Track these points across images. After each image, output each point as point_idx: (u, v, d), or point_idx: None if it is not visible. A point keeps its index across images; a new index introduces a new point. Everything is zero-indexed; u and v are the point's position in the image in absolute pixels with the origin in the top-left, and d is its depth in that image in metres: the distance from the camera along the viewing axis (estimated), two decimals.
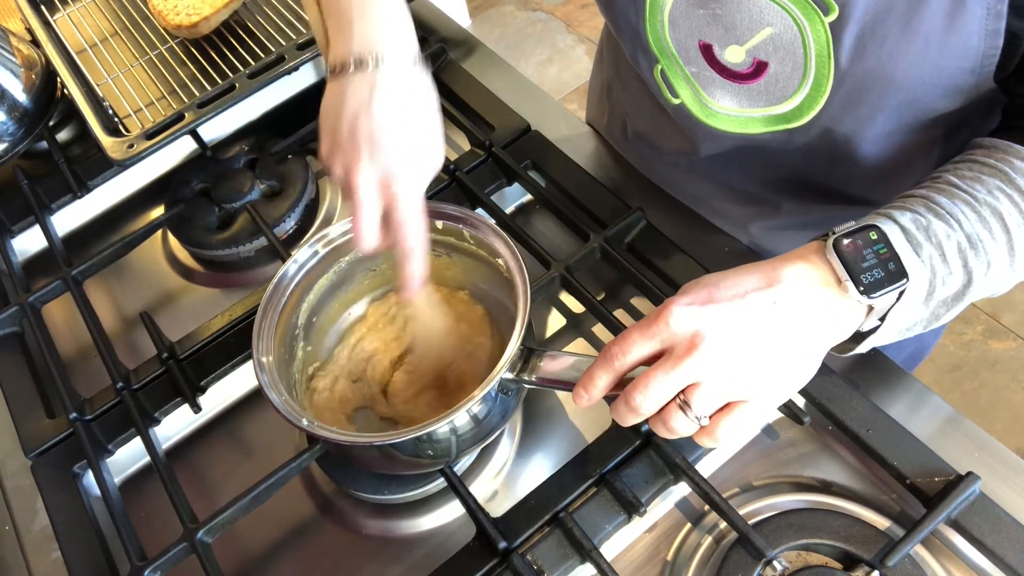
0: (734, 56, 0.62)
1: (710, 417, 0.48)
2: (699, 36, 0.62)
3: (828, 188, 0.73)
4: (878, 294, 0.48)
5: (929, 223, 0.50)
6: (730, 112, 0.67)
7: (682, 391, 0.47)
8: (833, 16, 0.55)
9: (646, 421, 0.49)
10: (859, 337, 0.52)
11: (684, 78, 0.67)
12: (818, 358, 0.49)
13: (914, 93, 0.58)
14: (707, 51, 0.63)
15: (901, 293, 0.48)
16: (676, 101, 0.70)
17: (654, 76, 0.70)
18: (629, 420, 0.49)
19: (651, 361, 0.48)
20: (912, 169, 0.67)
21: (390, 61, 0.57)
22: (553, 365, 0.55)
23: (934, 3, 0.52)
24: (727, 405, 0.48)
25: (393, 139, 0.56)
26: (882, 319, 0.50)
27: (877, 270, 0.48)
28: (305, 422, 0.56)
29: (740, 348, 0.46)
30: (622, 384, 0.49)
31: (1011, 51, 0.53)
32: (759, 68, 0.61)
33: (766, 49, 0.60)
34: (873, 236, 0.49)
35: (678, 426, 0.48)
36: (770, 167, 0.73)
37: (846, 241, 0.48)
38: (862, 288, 0.48)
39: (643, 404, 0.47)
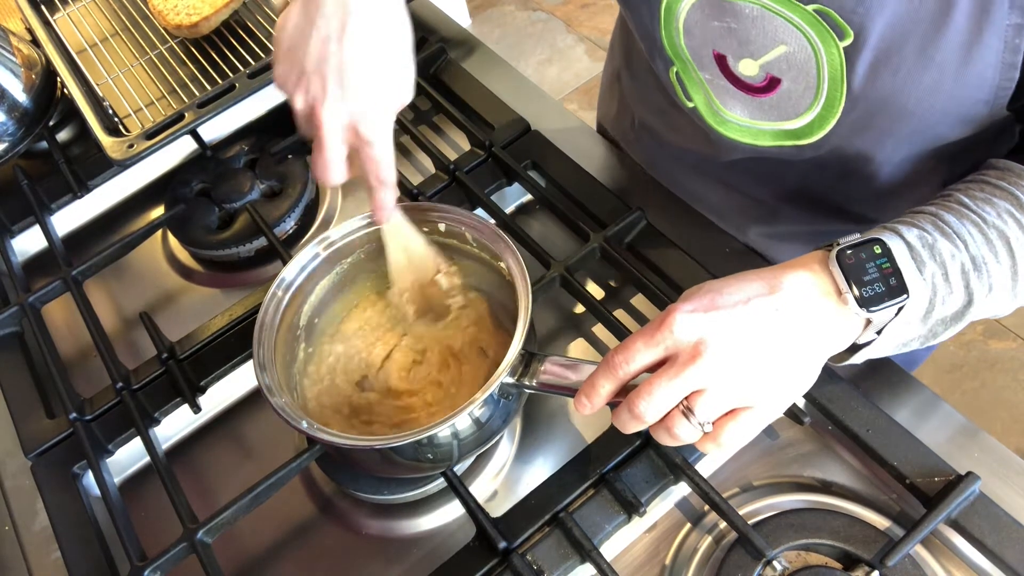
0: (747, 69, 0.61)
1: (713, 423, 0.48)
2: (713, 46, 0.62)
3: (830, 202, 0.73)
4: (877, 308, 0.48)
5: (935, 241, 0.49)
6: (741, 122, 0.66)
7: (685, 398, 0.47)
8: (848, 41, 0.54)
9: None
10: (855, 348, 0.52)
11: (698, 83, 0.67)
12: (818, 365, 0.49)
13: (926, 121, 0.57)
14: (721, 61, 0.63)
15: (900, 309, 0.48)
16: (690, 104, 0.70)
17: (670, 78, 0.70)
18: (631, 427, 0.49)
19: (653, 368, 0.48)
20: (916, 190, 0.67)
21: None
22: (554, 370, 0.55)
23: (951, 34, 0.51)
24: (730, 411, 0.47)
25: (364, 76, 0.54)
26: (879, 332, 0.50)
27: (878, 284, 0.48)
28: (305, 424, 0.56)
29: (744, 355, 0.46)
30: (624, 391, 0.49)
31: None
32: (772, 83, 0.61)
33: (779, 66, 0.59)
34: (877, 250, 0.49)
35: (681, 433, 0.48)
36: (775, 175, 0.73)
37: (849, 253, 0.48)
38: (861, 301, 0.48)
39: (647, 411, 0.47)
